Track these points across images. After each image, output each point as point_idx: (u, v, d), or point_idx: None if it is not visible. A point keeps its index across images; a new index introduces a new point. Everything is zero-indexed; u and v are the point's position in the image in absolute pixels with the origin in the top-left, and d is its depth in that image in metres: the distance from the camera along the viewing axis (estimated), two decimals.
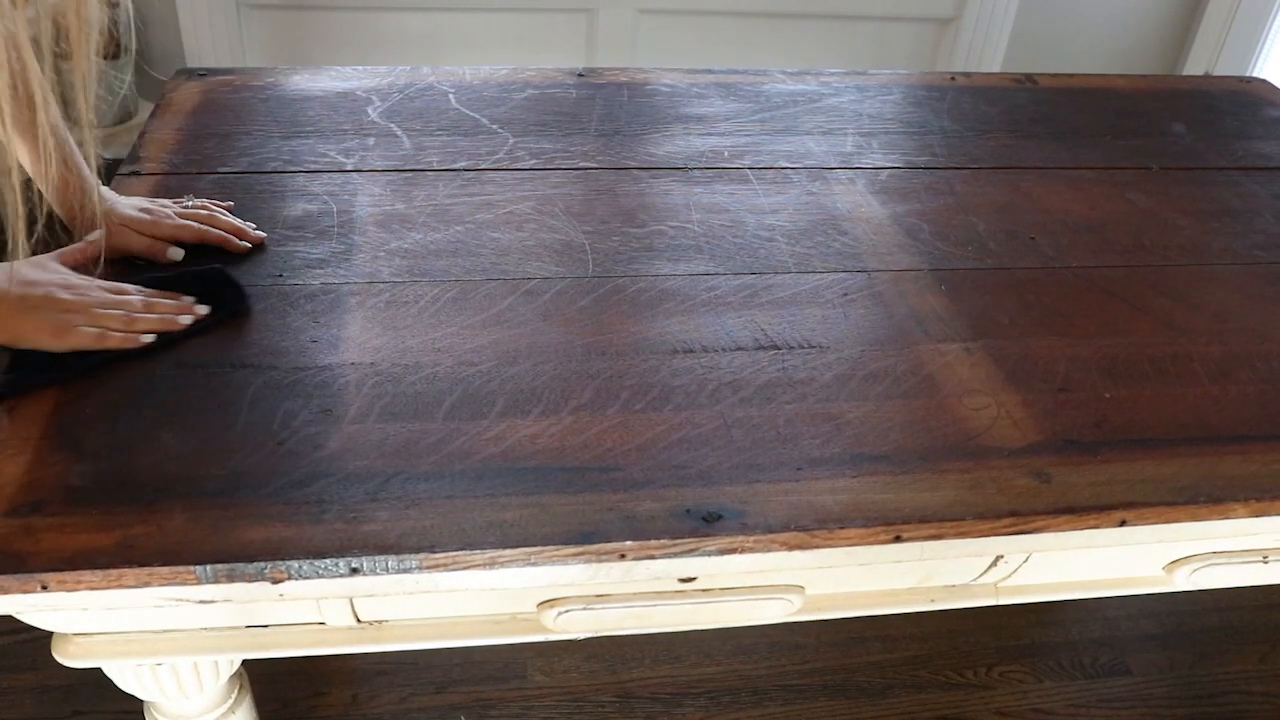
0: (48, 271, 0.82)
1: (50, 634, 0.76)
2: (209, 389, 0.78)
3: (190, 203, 0.96)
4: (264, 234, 0.96)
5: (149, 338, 0.81)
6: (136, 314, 0.82)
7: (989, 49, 2.42)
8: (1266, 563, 0.87)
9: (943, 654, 1.56)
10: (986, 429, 0.80)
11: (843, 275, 0.97)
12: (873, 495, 0.73)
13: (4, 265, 0.79)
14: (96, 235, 0.87)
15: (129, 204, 0.93)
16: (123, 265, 0.90)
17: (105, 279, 0.84)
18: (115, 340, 0.80)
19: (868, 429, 0.79)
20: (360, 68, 1.28)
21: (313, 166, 1.07)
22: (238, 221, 0.95)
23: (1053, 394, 0.85)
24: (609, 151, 1.14)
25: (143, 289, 0.85)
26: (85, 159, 0.88)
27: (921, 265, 1.00)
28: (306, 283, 0.90)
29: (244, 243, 0.94)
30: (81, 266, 0.86)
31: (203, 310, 0.85)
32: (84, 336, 0.79)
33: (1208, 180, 1.19)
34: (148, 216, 0.93)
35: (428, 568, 0.67)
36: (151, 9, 2.25)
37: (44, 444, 0.72)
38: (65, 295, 0.80)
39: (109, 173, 1.04)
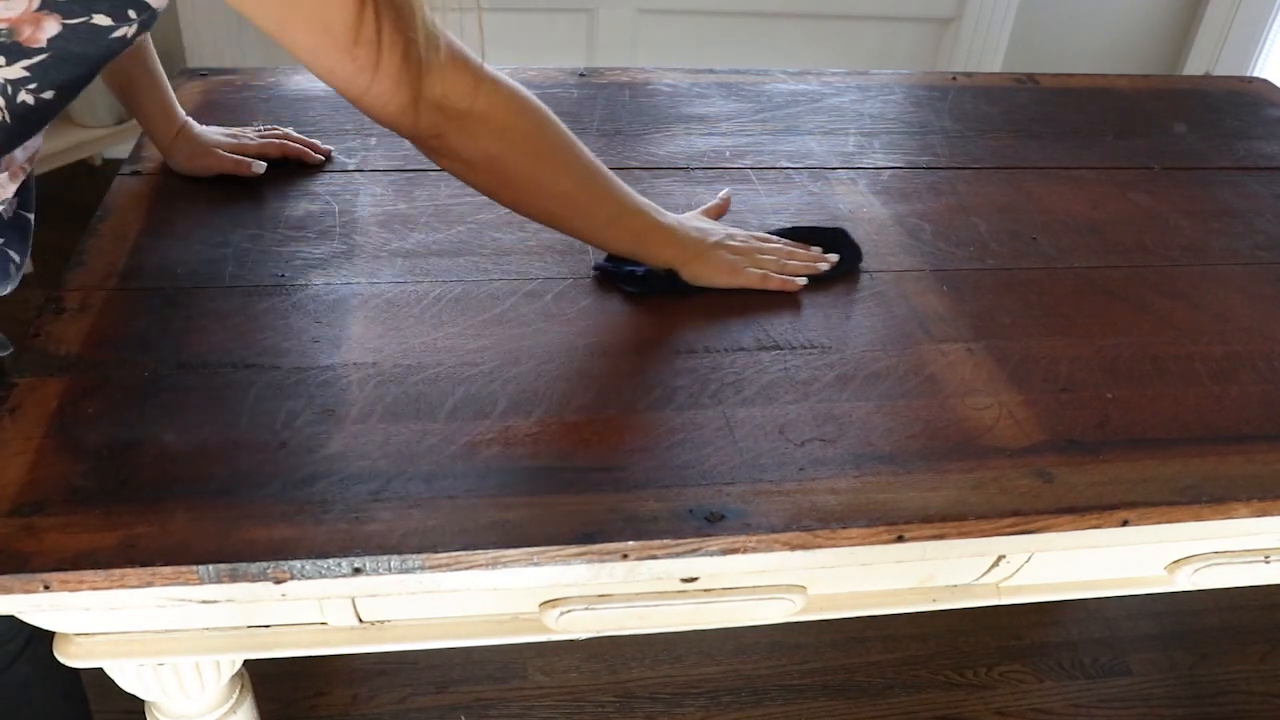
0: (710, 222, 0.97)
1: (52, 634, 0.76)
2: (211, 389, 0.78)
3: (264, 127, 1.09)
4: (331, 147, 1.09)
5: (802, 280, 0.93)
6: (785, 260, 0.94)
7: (990, 49, 2.42)
8: (1268, 563, 0.87)
9: (943, 654, 1.56)
10: (989, 429, 0.80)
11: (844, 275, 0.97)
12: (875, 495, 0.73)
13: (678, 216, 0.94)
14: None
15: (213, 131, 1.06)
16: None
17: None
18: (775, 283, 0.92)
19: (870, 429, 0.79)
20: None
21: (314, 166, 1.07)
22: (309, 140, 1.08)
23: (1055, 394, 0.85)
24: (610, 151, 1.14)
25: (782, 239, 0.97)
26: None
27: (923, 265, 0.99)
28: (309, 283, 0.90)
29: (318, 155, 1.07)
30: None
31: (833, 258, 0.95)
32: (751, 277, 0.91)
33: (1209, 180, 1.19)
34: (234, 139, 1.05)
35: (430, 568, 0.67)
36: None
37: (46, 444, 0.72)
38: (732, 242, 0.94)
39: (109, 173, 1.05)
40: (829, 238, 0.99)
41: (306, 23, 0.70)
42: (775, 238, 0.98)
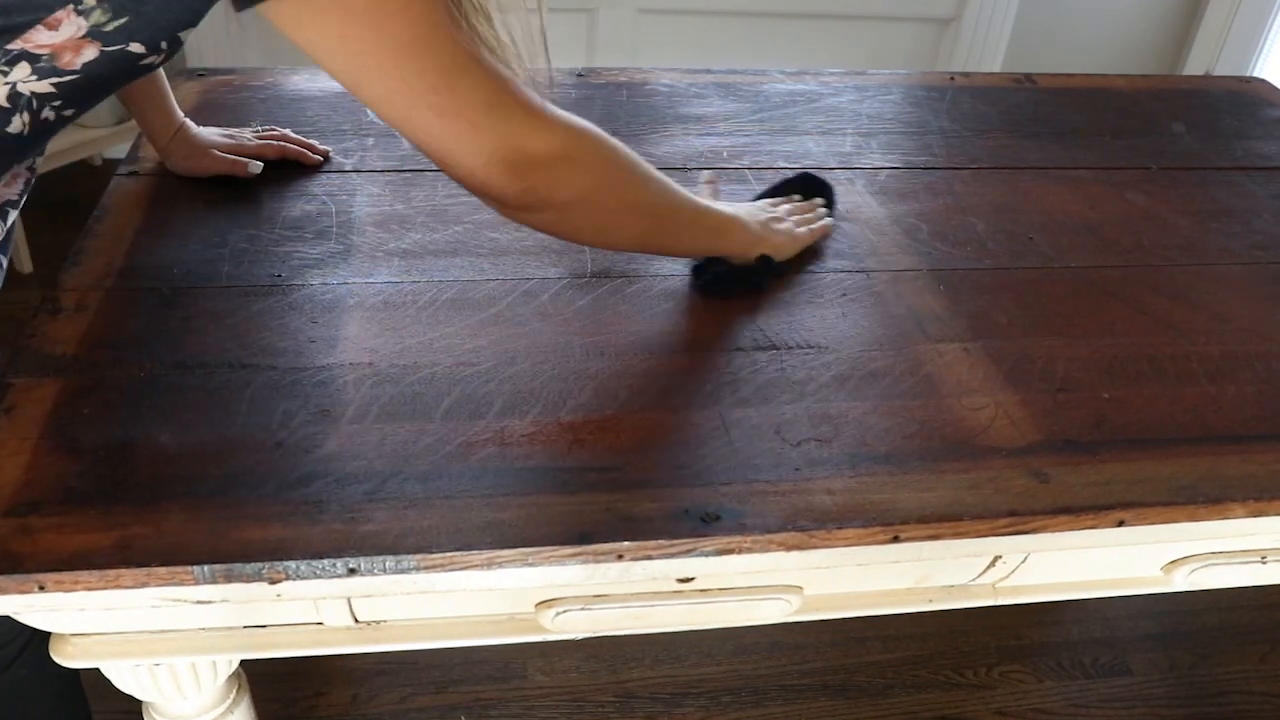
0: (739, 203, 1.01)
1: (49, 634, 0.76)
2: (207, 389, 0.78)
3: (262, 128, 1.09)
4: (329, 148, 1.09)
5: (829, 222, 1.03)
6: (805, 214, 1.02)
7: (989, 49, 2.42)
8: (1265, 563, 0.87)
9: (943, 654, 1.56)
10: (985, 429, 0.80)
11: (841, 275, 0.97)
12: (871, 495, 0.73)
13: (733, 205, 0.98)
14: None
15: (210, 132, 1.06)
16: None
17: None
18: (820, 232, 1.01)
19: (866, 429, 0.79)
20: None
21: (312, 166, 1.07)
22: (306, 141, 1.08)
23: (1051, 394, 0.84)
24: None
25: (791, 200, 1.05)
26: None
27: (920, 265, 0.99)
28: (305, 283, 0.90)
29: (316, 156, 1.07)
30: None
31: (821, 202, 1.06)
32: (804, 236, 0.99)
33: (1207, 180, 1.19)
34: (231, 140, 1.05)
35: (425, 568, 0.67)
36: None
37: (42, 444, 0.72)
38: (774, 211, 1.00)
39: (109, 173, 1.05)
40: (805, 185, 1.07)
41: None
42: (780, 199, 1.04)
